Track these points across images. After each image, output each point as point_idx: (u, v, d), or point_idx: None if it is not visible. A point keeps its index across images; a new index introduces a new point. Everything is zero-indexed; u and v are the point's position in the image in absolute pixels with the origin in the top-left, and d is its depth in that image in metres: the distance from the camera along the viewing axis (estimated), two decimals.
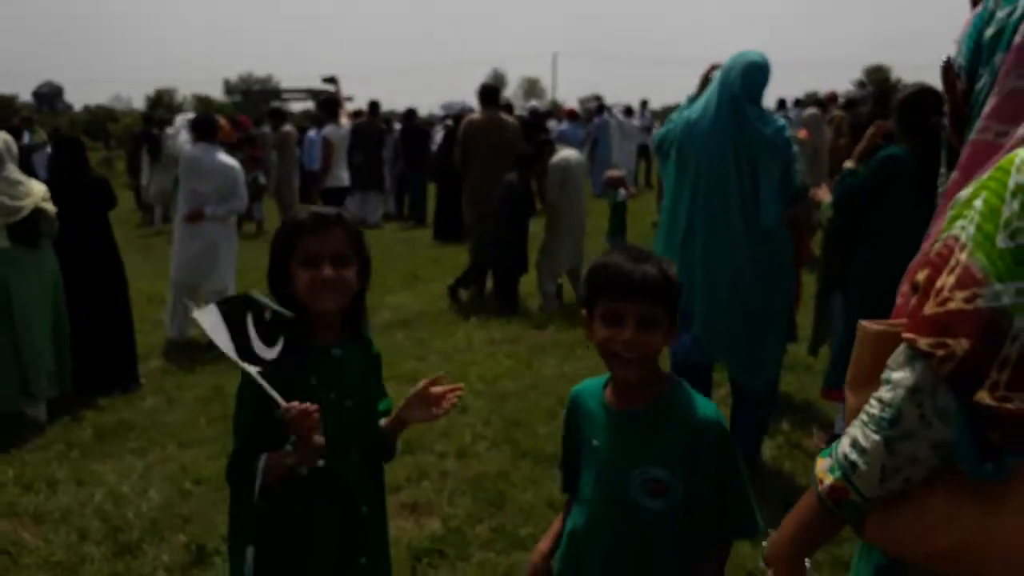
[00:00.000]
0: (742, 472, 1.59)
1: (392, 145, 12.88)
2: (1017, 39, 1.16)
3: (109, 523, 3.32)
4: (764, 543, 1.27)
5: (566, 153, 6.95)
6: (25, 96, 68.30)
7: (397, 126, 12.84)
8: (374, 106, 12.67)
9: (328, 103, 9.65)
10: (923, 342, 1.01)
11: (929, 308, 1.03)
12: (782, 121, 3.59)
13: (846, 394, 1.24)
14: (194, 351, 5.87)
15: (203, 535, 3.20)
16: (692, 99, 3.72)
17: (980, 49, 1.23)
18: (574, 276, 6.92)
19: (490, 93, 7.52)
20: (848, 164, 3.70)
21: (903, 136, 3.46)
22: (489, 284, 7.32)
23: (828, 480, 1.12)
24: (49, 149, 10.23)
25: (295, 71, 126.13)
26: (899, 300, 1.27)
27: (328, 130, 8.94)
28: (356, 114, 12.66)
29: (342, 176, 9.04)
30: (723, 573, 1.61)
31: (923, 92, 3.45)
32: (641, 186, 15.41)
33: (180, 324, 6.12)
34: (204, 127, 5.95)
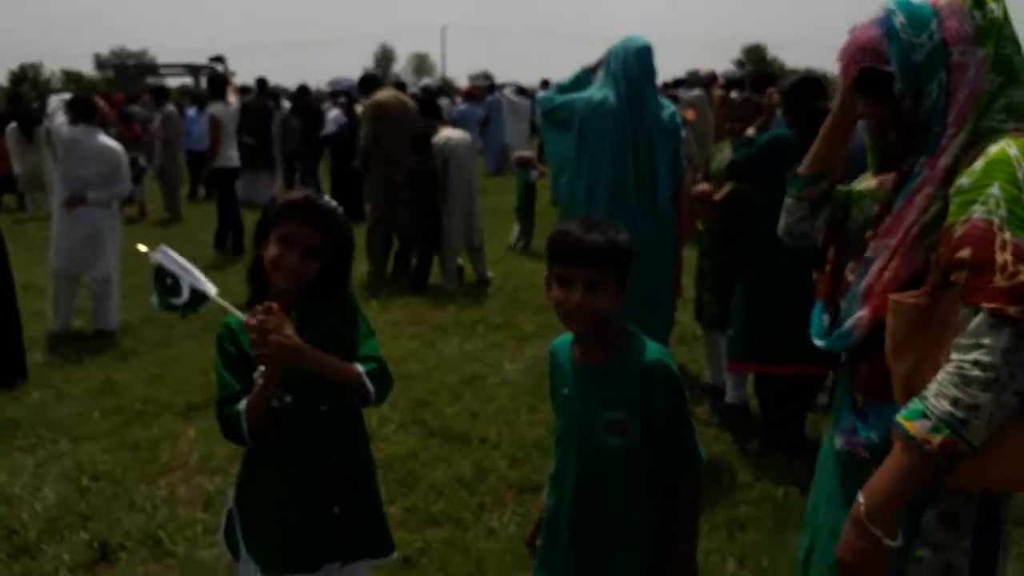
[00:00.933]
0: (687, 411, 1.78)
1: (281, 122, 12.49)
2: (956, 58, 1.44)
3: (2, 525, 3.18)
4: (860, 498, 1.39)
5: (447, 133, 6.97)
6: None
7: (285, 103, 12.44)
8: (262, 83, 12.28)
9: (216, 80, 9.27)
10: (1012, 310, 1.24)
11: (1001, 281, 1.26)
12: (673, 107, 3.80)
13: (889, 362, 1.44)
14: (80, 343, 5.62)
15: (105, 531, 3.12)
16: (588, 70, 3.85)
17: (917, 71, 1.45)
18: (475, 254, 7.01)
19: (370, 81, 7.50)
20: (750, 132, 3.87)
21: (789, 120, 3.69)
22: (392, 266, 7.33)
23: (936, 439, 1.27)
24: None
25: (171, 44, 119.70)
26: (889, 275, 1.48)
27: (215, 108, 8.56)
28: (243, 91, 12.23)
29: (231, 156, 8.68)
30: (696, 506, 1.82)
31: (807, 81, 3.70)
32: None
33: (64, 315, 5.83)
34: (83, 108, 5.63)
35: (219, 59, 10.34)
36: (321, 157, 12.02)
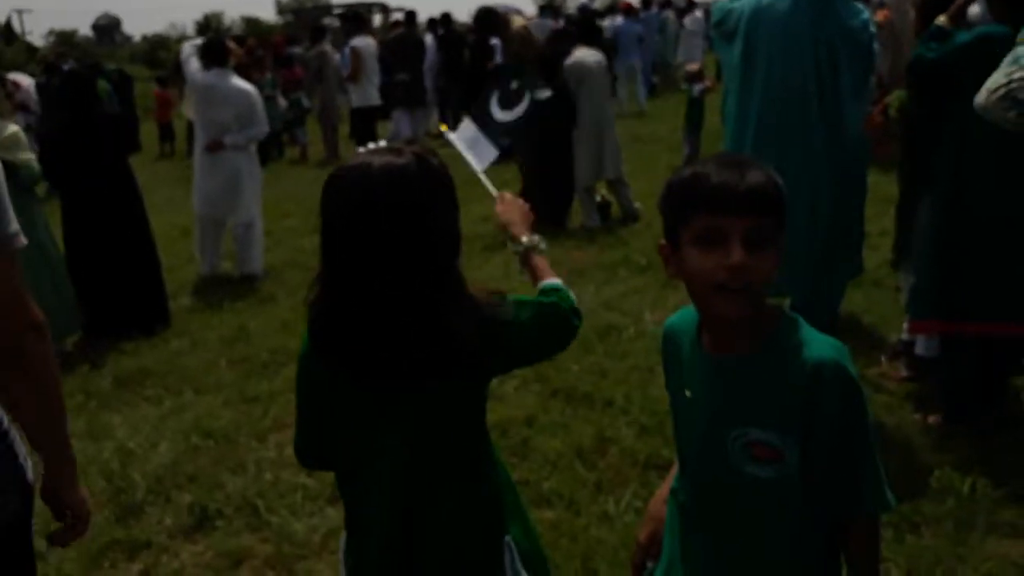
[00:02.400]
0: (870, 430, 1.24)
1: (432, 56, 12.20)
2: None
3: (114, 484, 3.16)
4: None
5: (580, 53, 6.32)
6: (85, 30, 69.15)
7: (428, 37, 12.08)
8: (411, 16, 11.99)
9: (354, 16, 9.03)
10: None
11: None
12: (866, 11, 3.09)
13: None
14: (225, 287, 5.69)
15: (206, 496, 3.01)
16: None
17: None
18: (618, 185, 6.43)
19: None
20: (941, 20, 2.95)
21: (1003, 11, 2.80)
22: None
23: None
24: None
25: None
26: None
27: (356, 41, 8.32)
28: (394, 25, 12.08)
29: (371, 94, 8.45)
30: (877, 554, 1.29)
31: None
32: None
33: (211, 259, 5.94)
34: (214, 52, 5.57)
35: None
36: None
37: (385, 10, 40.09)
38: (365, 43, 8.32)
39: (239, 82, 5.69)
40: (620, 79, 12.48)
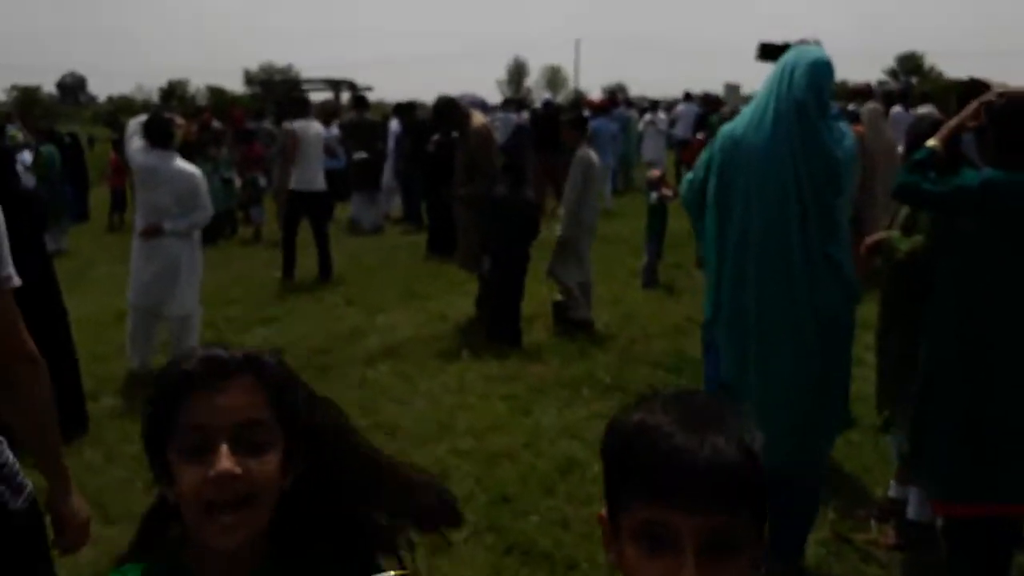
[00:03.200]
0: None
1: (396, 140, 12.06)
2: None
3: None
4: None
5: (587, 151, 6.15)
6: (49, 87, 68.67)
7: (394, 122, 11.99)
8: (361, 100, 12.05)
9: (297, 99, 8.72)
10: None
11: None
12: (850, 134, 2.84)
13: None
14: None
15: None
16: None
17: None
18: (584, 291, 6.16)
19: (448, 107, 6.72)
20: (933, 143, 2.69)
21: (1001, 154, 2.60)
22: None
23: None
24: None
25: (315, 60, 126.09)
26: None
27: (295, 124, 8.01)
28: (357, 103, 12.11)
29: (310, 179, 8.05)
30: None
31: None
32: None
33: (142, 353, 5.46)
34: (157, 131, 5.23)
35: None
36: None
37: (354, 88, 40.73)
38: (304, 126, 8.02)
39: (182, 164, 5.34)
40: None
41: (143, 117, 5.48)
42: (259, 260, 9.02)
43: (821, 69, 2.68)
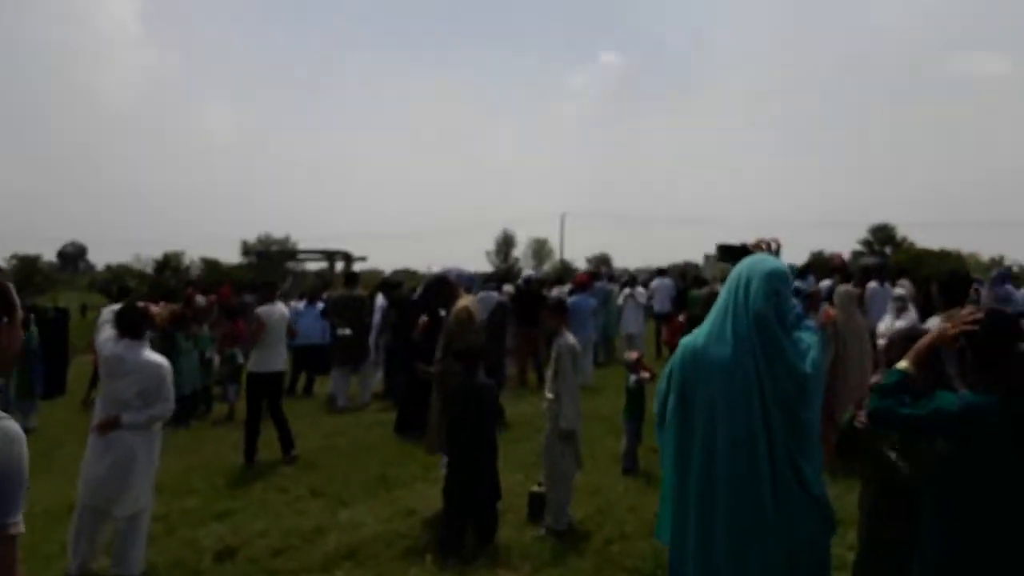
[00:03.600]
0: None
1: (382, 314, 12.09)
2: None
3: None
4: None
5: (569, 338, 5.96)
6: (50, 255, 70.00)
7: (379, 297, 12.08)
8: (352, 277, 12.14)
9: (266, 284, 8.82)
10: None
11: None
12: (813, 340, 2.71)
13: None
14: None
15: None
16: None
17: None
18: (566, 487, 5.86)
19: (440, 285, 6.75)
20: (904, 365, 2.56)
21: (982, 373, 2.49)
22: None
23: None
24: None
25: (313, 231, 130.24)
26: None
27: (262, 308, 8.10)
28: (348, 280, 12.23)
29: (271, 361, 8.07)
30: None
31: (998, 315, 2.55)
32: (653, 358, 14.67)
33: (83, 554, 5.09)
34: (128, 322, 5.17)
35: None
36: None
37: (348, 258, 41.43)
38: (269, 310, 8.09)
39: (150, 355, 5.23)
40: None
41: (117, 306, 5.44)
42: (228, 442, 8.74)
43: (777, 279, 2.63)
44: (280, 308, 8.33)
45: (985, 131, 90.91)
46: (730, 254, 2.92)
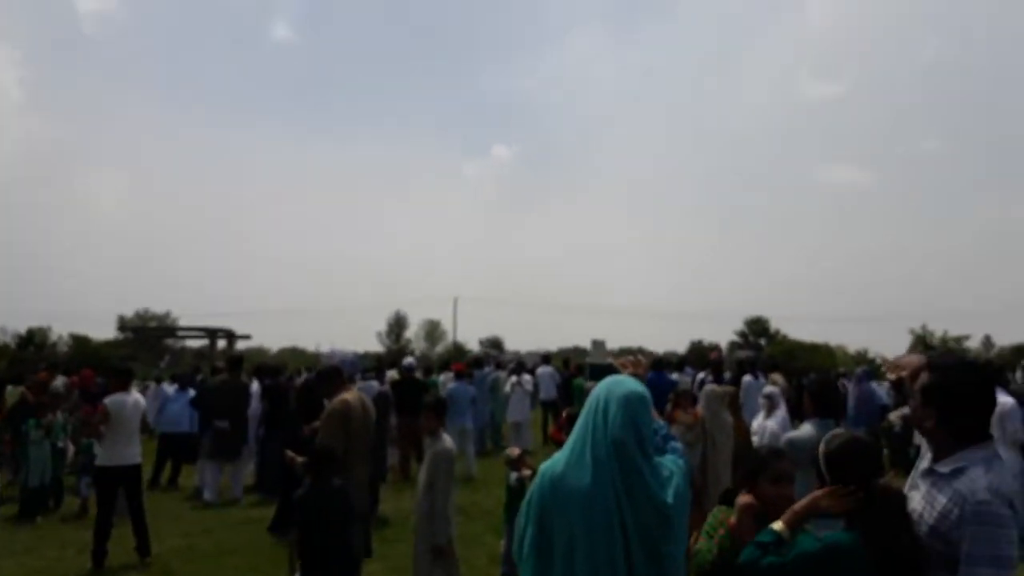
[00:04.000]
0: None
1: (256, 404, 11.53)
2: None
3: None
4: None
5: (448, 441, 5.69)
6: None
7: (254, 384, 11.57)
8: (235, 361, 11.54)
9: (121, 370, 8.20)
10: None
11: None
12: (677, 466, 2.63)
13: None
14: None
15: None
16: None
17: None
18: None
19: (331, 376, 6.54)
20: (778, 527, 2.59)
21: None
22: None
23: None
24: None
25: (196, 307, 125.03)
26: None
27: (110, 398, 7.46)
28: (216, 371, 11.59)
29: (127, 453, 7.44)
30: None
31: (858, 446, 2.63)
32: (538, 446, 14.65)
33: None
34: None
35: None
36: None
37: (231, 336, 39.73)
38: (119, 401, 7.47)
39: None
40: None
41: None
42: (76, 544, 8.01)
43: (634, 403, 2.54)
44: (135, 397, 7.71)
45: (850, 234, 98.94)
46: (600, 373, 2.93)
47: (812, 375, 18.65)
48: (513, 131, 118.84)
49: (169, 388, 12.96)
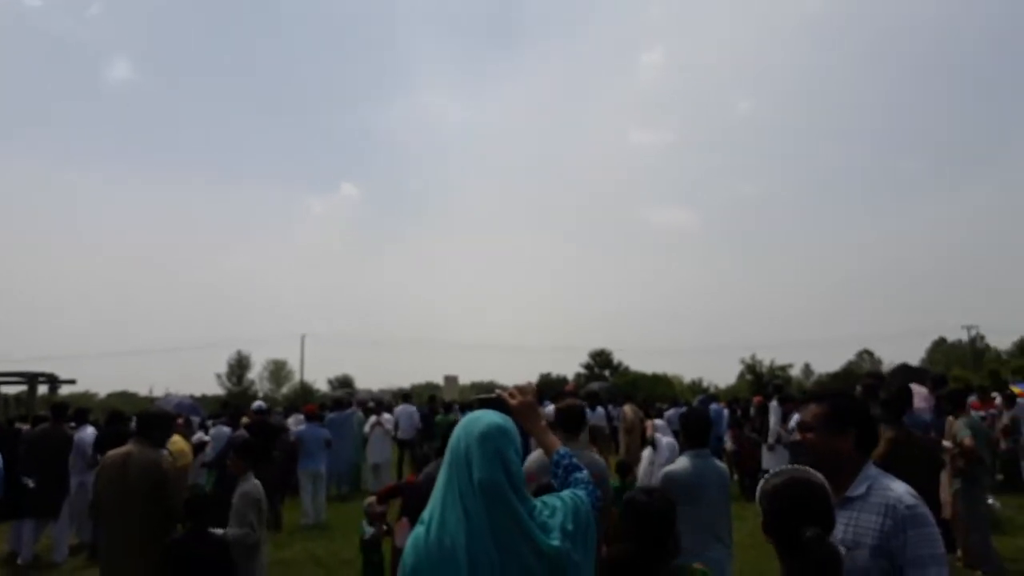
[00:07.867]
0: None
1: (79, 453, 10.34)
2: None
3: None
4: None
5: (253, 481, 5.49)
6: None
7: (89, 429, 10.45)
8: (60, 408, 10.42)
9: None
10: None
11: None
12: (560, 502, 2.28)
13: None
14: None
15: None
16: None
17: None
18: None
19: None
20: (698, 567, 2.46)
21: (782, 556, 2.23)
22: None
23: None
24: None
25: (13, 351, 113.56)
26: None
27: None
28: (36, 420, 10.37)
29: None
30: None
31: (799, 484, 2.27)
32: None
33: None
34: None
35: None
36: None
37: (54, 381, 35.98)
38: None
39: None
40: (302, 485, 11.59)
41: None
42: None
43: (495, 437, 2.19)
44: None
45: (679, 270, 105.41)
46: (489, 407, 2.65)
47: (659, 406, 19.42)
48: (361, 169, 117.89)
49: None
